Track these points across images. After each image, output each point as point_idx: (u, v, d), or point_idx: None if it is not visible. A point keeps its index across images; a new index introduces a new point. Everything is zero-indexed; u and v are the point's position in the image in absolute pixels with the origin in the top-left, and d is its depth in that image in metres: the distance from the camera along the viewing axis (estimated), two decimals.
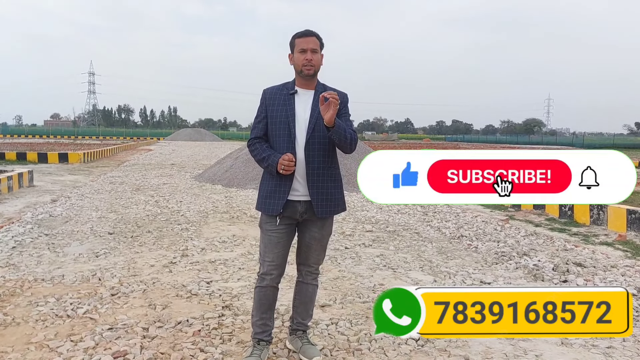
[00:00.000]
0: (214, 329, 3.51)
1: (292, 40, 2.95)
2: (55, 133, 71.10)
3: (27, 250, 5.60)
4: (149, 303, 3.99)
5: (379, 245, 6.23)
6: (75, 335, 3.35)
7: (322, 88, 3.03)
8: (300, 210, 2.94)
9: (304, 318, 3.20)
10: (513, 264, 5.39)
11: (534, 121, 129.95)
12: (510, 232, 7.17)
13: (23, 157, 18.98)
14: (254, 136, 3.00)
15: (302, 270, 3.18)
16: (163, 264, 5.19)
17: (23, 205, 9.11)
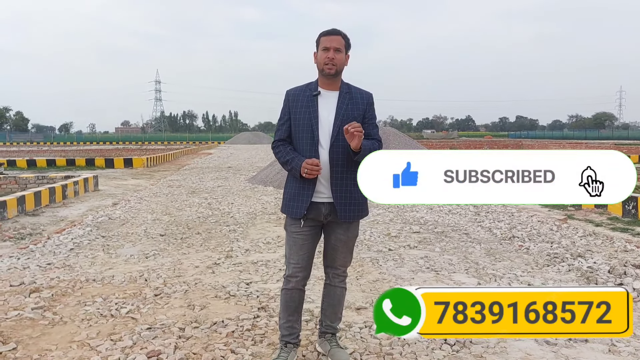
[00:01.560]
0: (247, 330, 3.55)
1: (318, 38, 2.92)
2: (124, 139, 74.58)
3: (83, 252, 5.89)
4: (188, 304, 4.09)
5: (424, 247, 6.10)
6: (115, 335, 3.48)
7: (347, 88, 2.99)
8: (325, 212, 2.92)
9: (332, 321, 3.17)
10: (565, 265, 5.13)
11: (604, 115, 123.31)
12: (567, 232, 6.83)
13: (91, 163, 20.02)
14: (278, 138, 2.99)
15: (329, 272, 3.15)
16: (207, 265, 5.31)
17: (87, 208, 9.60)
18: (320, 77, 2.95)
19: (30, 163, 19.91)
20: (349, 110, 2.92)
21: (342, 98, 2.95)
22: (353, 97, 2.97)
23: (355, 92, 3.00)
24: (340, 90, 2.96)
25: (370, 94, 3.06)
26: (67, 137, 77.94)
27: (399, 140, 13.59)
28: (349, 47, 2.95)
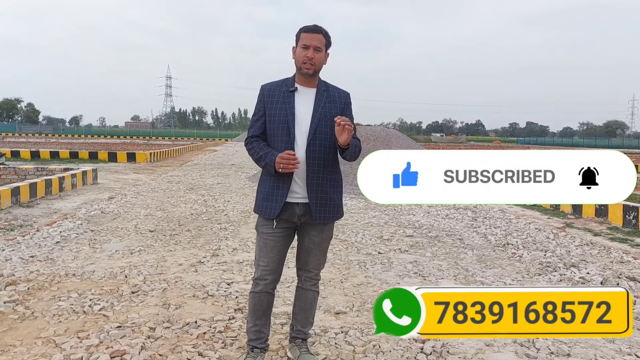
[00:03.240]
0: (219, 332, 3.45)
1: (298, 33, 2.80)
2: (133, 134, 74.89)
3: (68, 245, 5.82)
4: (164, 302, 3.99)
5: (415, 251, 5.98)
6: (83, 332, 3.39)
7: (325, 86, 2.89)
8: (299, 213, 2.81)
9: (303, 325, 3.06)
10: (557, 275, 4.99)
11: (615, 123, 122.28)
12: (563, 241, 6.67)
13: (95, 157, 20.03)
14: (251, 135, 2.85)
15: (302, 275, 3.04)
16: (191, 263, 5.21)
17: (82, 201, 9.54)
18: (297, 73, 2.84)
19: (34, 154, 19.95)
20: (327, 108, 2.82)
21: (320, 95, 2.84)
22: (331, 95, 2.87)
23: (333, 91, 2.90)
24: (318, 88, 2.86)
25: (348, 93, 2.96)
26: (76, 130, 78.32)
27: (400, 142, 13.46)
28: (329, 46, 2.85)
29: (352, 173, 12.33)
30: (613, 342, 3.46)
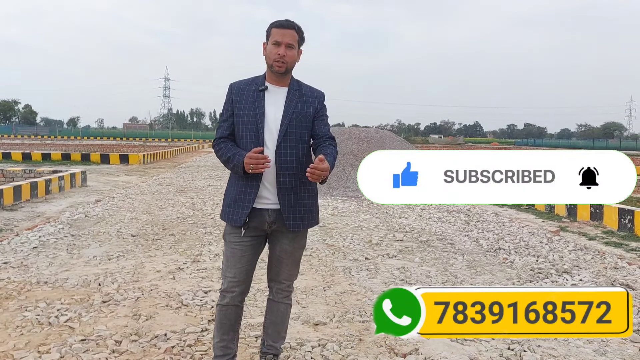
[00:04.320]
0: (188, 346, 3.26)
1: (269, 29, 2.62)
2: (131, 135, 74.53)
3: (45, 251, 5.63)
4: (135, 313, 3.81)
5: (404, 257, 5.80)
6: (44, 346, 3.21)
7: (297, 85, 2.71)
8: (269, 220, 2.63)
9: (274, 340, 2.88)
10: (549, 282, 4.82)
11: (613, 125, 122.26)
12: (557, 245, 6.49)
13: (87, 158, 19.83)
14: (219, 136, 2.67)
15: (273, 287, 2.86)
16: (170, 269, 5.03)
17: (67, 205, 9.35)
18: (268, 71, 2.66)
19: (26, 156, 19.73)
20: (299, 109, 2.65)
21: (292, 95, 2.66)
22: (303, 95, 2.69)
23: (305, 90, 2.72)
24: (290, 87, 2.68)
25: (323, 93, 2.79)
26: (73, 132, 78.02)
27: (394, 143, 13.30)
28: (303, 42, 2.68)
29: (345, 175, 12.17)
30: (604, 354, 3.29)
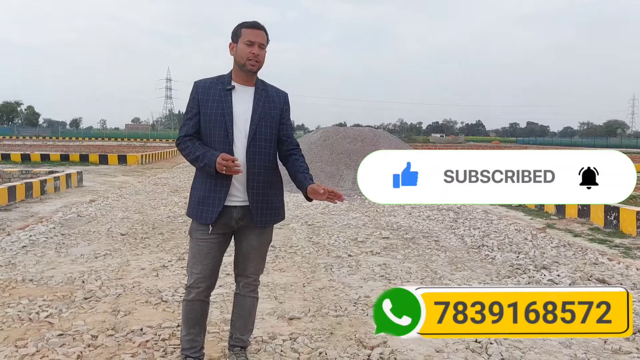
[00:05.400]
0: (162, 340, 3.35)
1: (238, 30, 2.69)
2: (133, 136, 74.64)
3: (33, 250, 5.72)
4: (114, 309, 3.89)
5: (387, 254, 5.87)
6: (22, 341, 3.29)
7: (262, 85, 2.80)
8: (236, 216, 2.71)
9: (242, 333, 2.97)
10: (526, 278, 4.89)
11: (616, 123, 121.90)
12: (540, 242, 6.56)
13: (86, 159, 19.96)
14: (184, 134, 2.71)
15: (240, 281, 2.94)
16: (154, 267, 5.12)
17: (62, 205, 9.46)
18: (237, 71, 2.73)
19: (25, 157, 19.88)
20: (266, 108, 2.74)
21: (259, 94, 2.75)
22: (269, 95, 2.78)
23: (271, 90, 2.81)
24: (256, 87, 2.77)
25: (287, 93, 2.87)
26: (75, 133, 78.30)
27: (389, 142, 13.37)
28: (268, 43, 2.77)
29: (338, 174, 12.25)
30: (569, 347, 3.36)
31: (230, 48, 2.74)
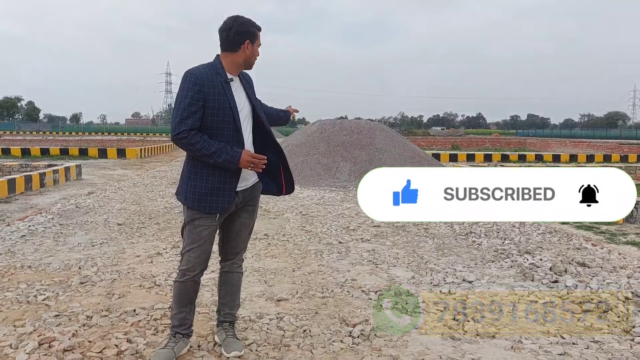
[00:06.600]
0: (154, 320, 3.51)
1: (256, 31, 2.85)
2: (133, 131, 74.53)
3: (32, 239, 5.88)
4: (108, 292, 4.05)
5: (376, 241, 6.03)
6: (20, 321, 3.45)
7: (241, 74, 2.96)
8: (238, 200, 2.87)
9: (231, 308, 3.13)
10: (509, 262, 5.03)
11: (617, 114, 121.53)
12: (528, 229, 6.72)
13: (85, 153, 20.12)
14: (190, 127, 2.61)
15: (230, 259, 3.09)
16: (149, 254, 5.27)
17: (61, 197, 9.61)
18: (235, 64, 2.83)
19: (25, 151, 20.04)
20: (253, 94, 3.00)
21: (244, 84, 2.95)
22: (247, 81, 2.99)
23: (244, 75, 2.99)
24: (238, 76, 2.92)
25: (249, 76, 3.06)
26: (75, 128, 78.31)
27: (384, 135, 13.48)
28: None
29: (334, 166, 12.38)
30: (543, 324, 3.51)
31: (246, 46, 2.80)
